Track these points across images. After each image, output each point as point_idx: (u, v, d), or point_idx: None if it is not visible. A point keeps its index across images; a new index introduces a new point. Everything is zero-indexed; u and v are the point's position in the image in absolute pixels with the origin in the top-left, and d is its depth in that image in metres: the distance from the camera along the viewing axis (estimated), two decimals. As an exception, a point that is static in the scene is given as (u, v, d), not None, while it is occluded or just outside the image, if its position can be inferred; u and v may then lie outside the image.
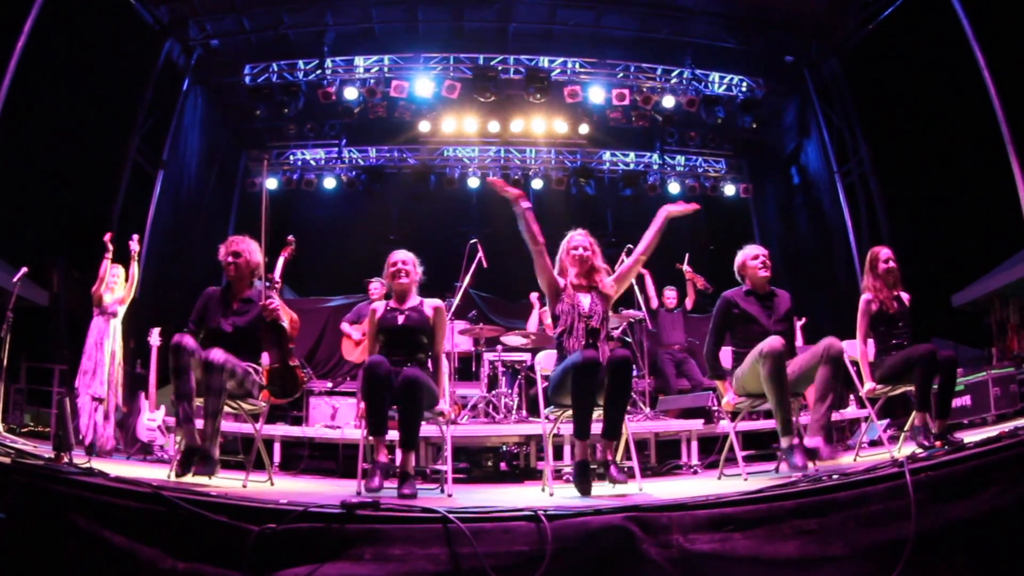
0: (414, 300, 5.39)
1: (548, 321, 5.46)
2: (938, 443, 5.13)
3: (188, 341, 4.78)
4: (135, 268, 8.32)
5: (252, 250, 5.47)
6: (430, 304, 5.38)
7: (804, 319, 9.94)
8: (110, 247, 8.27)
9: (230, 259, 5.38)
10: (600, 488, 4.79)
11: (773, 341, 4.98)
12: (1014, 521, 2.80)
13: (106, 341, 8.14)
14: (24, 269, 8.33)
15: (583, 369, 4.53)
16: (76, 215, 11.18)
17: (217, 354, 4.80)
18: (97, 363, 8.07)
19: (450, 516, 2.78)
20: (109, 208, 10.92)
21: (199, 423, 4.83)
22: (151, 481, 3.14)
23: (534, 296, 10.17)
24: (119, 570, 2.77)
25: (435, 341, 5.39)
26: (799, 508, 2.97)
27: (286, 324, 5.38)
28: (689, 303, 10.38)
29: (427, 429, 5.82)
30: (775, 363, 4.91)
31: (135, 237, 8.34)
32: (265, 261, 5.53)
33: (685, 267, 10.05)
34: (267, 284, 5.45)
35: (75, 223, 11.22)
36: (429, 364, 5.36)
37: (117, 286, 8.31)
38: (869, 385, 5.86)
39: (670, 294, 10.46)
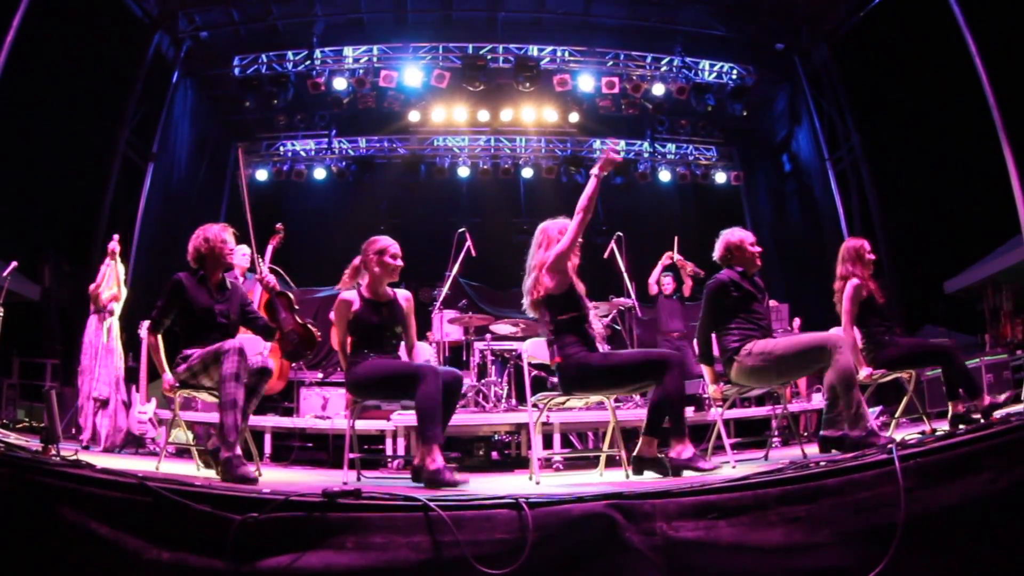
0: (388, 292, 5.24)
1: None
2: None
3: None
4: (120, 267, 8.27)
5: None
6: (402, 296, 5.29)
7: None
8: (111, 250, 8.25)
9: (228, 245, 5.25)
10: (585, 476, 4.80)
11: (838, 336, 5.01)
12: (1005, 508, 2.78)
13: (102, 340, 8.10)
14: (14, 263, 8.29)
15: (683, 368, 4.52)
16: (66, 208, 11.12)
17: (271, 362, 4.84)
18: (96, 363, 8.03)
19: (431, 504, 2.77)
20: (99, 201, 10.90)
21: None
22: (137, 472, 3.13)
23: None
24: (105, 561, 2.76)
25: (408, 330, 5.29)
26: (785, 495, 2.95)
27: (289, 293, 5.63)
28: (687, 290, 10.28)
29: (414, 418, 5.82)
30: (845, 355, 4.76)
31: (115, 237, 8.30)
32: (252, 252, 5.58)
33: (676, 255, 9.97)
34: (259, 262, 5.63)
35: (65, 216, 11.17)
36: (402, 351, 5.32)
37: (111, 284, 8.30)
38: (866, 371, 5.82)
39: (666, 280, 10.37)
